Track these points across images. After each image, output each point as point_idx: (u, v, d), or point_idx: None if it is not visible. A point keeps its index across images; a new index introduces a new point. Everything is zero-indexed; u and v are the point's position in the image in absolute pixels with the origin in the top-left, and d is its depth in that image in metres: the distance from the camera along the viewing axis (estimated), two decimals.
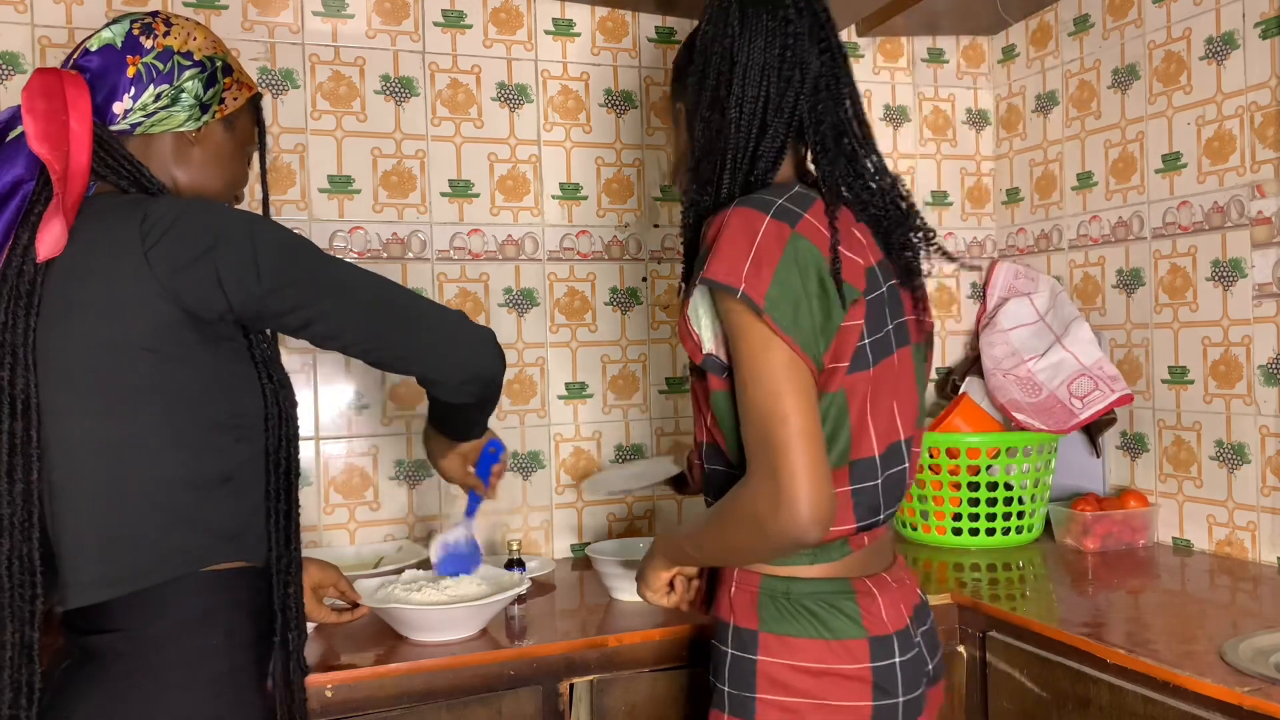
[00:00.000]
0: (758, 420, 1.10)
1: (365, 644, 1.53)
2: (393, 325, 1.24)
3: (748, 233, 1.12)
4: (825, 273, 1.12)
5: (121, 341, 1.11)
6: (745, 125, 1.19)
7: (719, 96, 1.21)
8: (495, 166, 2.12)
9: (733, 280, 1.10)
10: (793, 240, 1.11)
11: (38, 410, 1.11)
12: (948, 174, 2.51)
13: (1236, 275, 1.91)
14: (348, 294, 1.22)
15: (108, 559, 1.12)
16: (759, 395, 1.10)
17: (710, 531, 1.19)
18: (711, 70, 1.22)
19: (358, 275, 1.24)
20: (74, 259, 1.13)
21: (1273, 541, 1.85)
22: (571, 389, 2.17)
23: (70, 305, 1.12)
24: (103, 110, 1.20)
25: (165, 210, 1.14)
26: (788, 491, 1.06)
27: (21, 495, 1.10)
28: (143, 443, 1.12)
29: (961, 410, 2.14)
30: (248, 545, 1.18)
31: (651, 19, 2.24)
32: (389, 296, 1.26)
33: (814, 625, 1.18)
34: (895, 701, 1.18)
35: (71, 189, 1.13)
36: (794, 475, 1.06)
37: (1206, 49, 1.95)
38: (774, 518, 1.07)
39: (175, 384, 1.13)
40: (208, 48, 1.27)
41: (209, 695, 1.12)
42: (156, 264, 1.10)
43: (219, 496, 1.16)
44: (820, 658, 1.17)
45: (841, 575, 1.21)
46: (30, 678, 1.10)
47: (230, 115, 1.30)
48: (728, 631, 1.23)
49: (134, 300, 1.11)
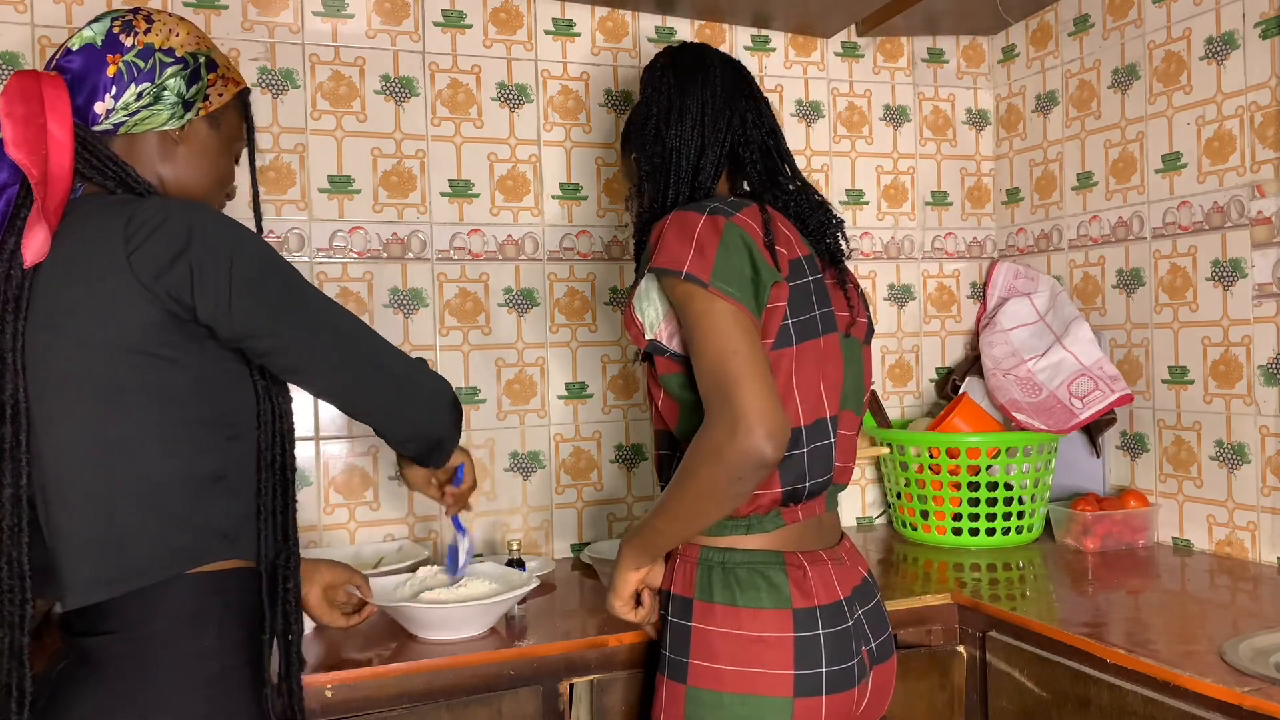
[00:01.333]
0: (710, 364, 1.21)
1: (365, 644, 1.53)
2: (351, 373, 1.24)
3: (687, 227, 1.27)
4: (757, 257, 1.26)
5: (109, 344, 1.10)
6: (685, 148, 1.39)
7: (661, 132, 1.41)
8: (495, 166, 2.12)
9: (677, 265, 1.24)
10: (728, 228, 1.26)
11: (27, 415, 1.11)
12: (948, 174, 2.51)
13: (1236, 275, 1.91)
14: (315, 332, 1.20)
15: (102, 560, 1.11)
16: (710, 344, 1.21)
17: (672, 493, 1.25)
18: (654, 116, 1.43)
19: (329, 314, 1.22)
20: (61, 262, 1.12)
21: (1273, 541, 1.85)
22: (571, 389, 2.17)
23: (58, 308, 1.11)
24: (84, 111, 1.19)
25: (150, 213, 1.12)
26: (743, 412, 1.16)
27: (11, 500, 1.10)
28: (134, 443, 1.12)
29: (961, 410, 2.14)
30: (243, 544, 1.18)
31: (651, 19, 2.24)
32: (355, 341, 1.24)
33: (743, 594, 1.28)
34: (819, 671, 1.27)
35: (52, 194, 1.12)
36: (747, 397, 1.17)
37: (1206, 49, 1.95)
38: (732, 441, 1.16)
39: (164, 384, 1.12)
40: (190, 44, 1.25)
41: (201, 697, 1.11)
42: (138, 266, 1.09)
43: (213, 495, 1.15)
44: (746, 625, 1.27)
45: (775, 548, 1.32)
46: (21, 681, 1.10)
47: (215, 112, 1.27)
48: (669, 600, 1.34)
49: (119, 302, 1.10)
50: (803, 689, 1.26)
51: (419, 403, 1.33)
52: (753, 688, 1.25)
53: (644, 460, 2.20)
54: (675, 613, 1.32)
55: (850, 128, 2.41)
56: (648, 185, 1.43)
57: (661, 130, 1.41)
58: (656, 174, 1.42)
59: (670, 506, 1.26)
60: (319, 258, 2.00)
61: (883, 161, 2.45)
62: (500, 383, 2.12)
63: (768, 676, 1.25)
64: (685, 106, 1.41)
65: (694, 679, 1.28)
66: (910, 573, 1.93)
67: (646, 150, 1.43)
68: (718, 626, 1.28)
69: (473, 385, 2.10)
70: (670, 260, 1.25)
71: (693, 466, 1.21)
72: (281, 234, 1.97)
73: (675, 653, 1.31)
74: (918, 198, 2.47)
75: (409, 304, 2.05)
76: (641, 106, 1.47)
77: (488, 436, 2.10)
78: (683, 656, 1.29)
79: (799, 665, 1.26)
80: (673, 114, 1.41)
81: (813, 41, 2.35)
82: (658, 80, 1.45)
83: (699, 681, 1.27)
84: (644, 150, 1.44)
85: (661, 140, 1.41)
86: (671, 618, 1.32)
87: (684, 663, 1.29)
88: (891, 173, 2.45)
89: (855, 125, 2.42)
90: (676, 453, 1.36)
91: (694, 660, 1.28)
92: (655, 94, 1.44)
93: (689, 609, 1.30)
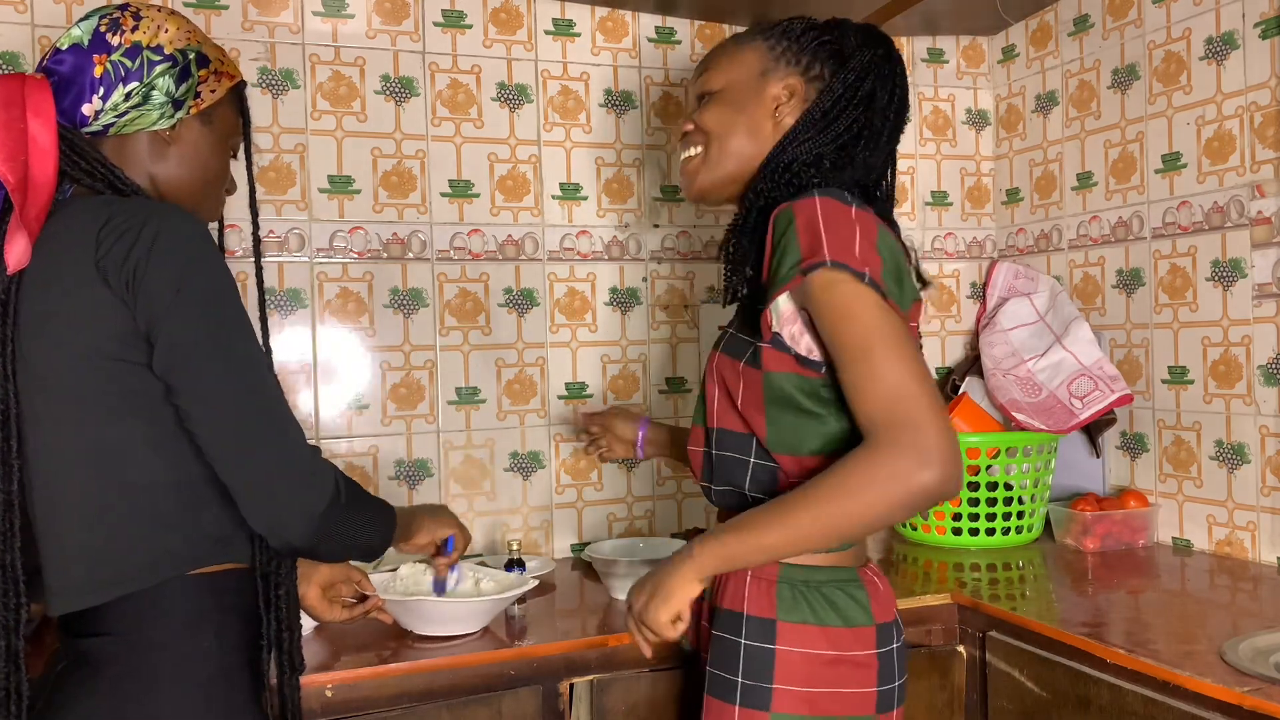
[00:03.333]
0: (888, 382, 1.10)
1: (365, 644, 1.53)
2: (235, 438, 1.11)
3: (845, 217, 1.17)
4: (902, 267, 1.20)
5: (89, 351, 1.08)
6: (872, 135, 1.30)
7: (873, 101, 1.31)
8: (495, 166, 2.12)
9: (851, 260, 1.13)
10: (881, 230, 1.19)
11: (17, 420, 1.10)
12: (948, 174, 2.51)
13: (1236, 275, 1.91)
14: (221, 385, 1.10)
15: (93, 564, 1.10)
16: (888, 359, 1.11)
17: (806, 508, 1.13)
18: (867, 84, 1.31)
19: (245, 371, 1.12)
20: (43, 267, 1.10)
21: (1273, 541, 1.85)
22: (571, 389, 2.17)
23: (41, 315, 1.10)
24: (73, 113, 1.16)
25: (123, 217, 1.08)
26: (938, 447, 1.07)
27: (2, 505, 1.09)
28: (123, 449, 1.10)
29: (961, 410, 2.14)
30: (236, 547, 1.16)
31: (651, 19, 2.24)
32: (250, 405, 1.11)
33: (831, 613, 1.21)
34: (893, 686, 1.24)
35: (33, 200, 1.09)
36: (941, 429, 1.08)
37: (1206, 49, 1.95)
38: (919, 474, 1.07)
39: (149, 389, 1.09)
40: (180, 39, 1.20)
41: (199, 699, 1.11)
42: (107, 272, 1.06)
43: (204, 499, 1.13)
44: (835, 645, 1.20)
45: (850, 564, 1.26)
46: (18, 685, 1.09)
47: (208, 109, 1.23)
48: (740, 622, 1.23)
49: (93, 309, 1.07)
50: (883, 705, 1.22)
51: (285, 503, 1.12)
52: (843, 709, 1.20)
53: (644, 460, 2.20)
54: (752, 635, 1.22)
55: None
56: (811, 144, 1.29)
57: (877, 101, 1.31)
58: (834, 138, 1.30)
59: (798, 522, 1.13)
60: (319, 258, 2.00)
61: None
62: (500, 383, 2.12)
63: (856, 696, 1.21)
64: (893, 98, 1.33)
65: (779, 705, 1.19)
66: (910, 572, 1.93)
67: (843, 110, 1.31)
68: (805, 648, 1.20)
69: (473, 385, 2.10)
70: (842, 252, 1.14)
71: (856, 488, 1.10)
72: (281, 234, 1.97)
73: (753, 678, 1.21)
74: (917, 198, 2.47)
75: (409, 304, 2.05)
76: (854, 70, 1.32)
77: (488, 436, 2.10)
78: (764, 682, 1.20)
79: (881, 681, 1.22)
80: (879, 96, 1.31)
81: None
82: (880, 65, 1.33)
83: (785, 707, 1.19)
84: (832, 101, 1.31)
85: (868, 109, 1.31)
86: (746, 641, 1.22)
87: (766, 689, 1.20)
88: None
89: None
90: (750, 457, 1.26)
91: (779, 685, 1.19)
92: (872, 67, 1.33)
93: (771, 631, 1.21)
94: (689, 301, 2.27)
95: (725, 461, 1.30)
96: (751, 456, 1.26)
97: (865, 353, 1.12)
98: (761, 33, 1.37)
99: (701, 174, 1.37)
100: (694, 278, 2.27)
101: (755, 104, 1.33)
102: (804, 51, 1.34)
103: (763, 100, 1.33)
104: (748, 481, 1.27)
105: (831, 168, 1.28)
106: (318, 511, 1.13)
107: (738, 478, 1.28)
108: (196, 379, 1.09)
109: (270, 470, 1.11)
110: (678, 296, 2.26)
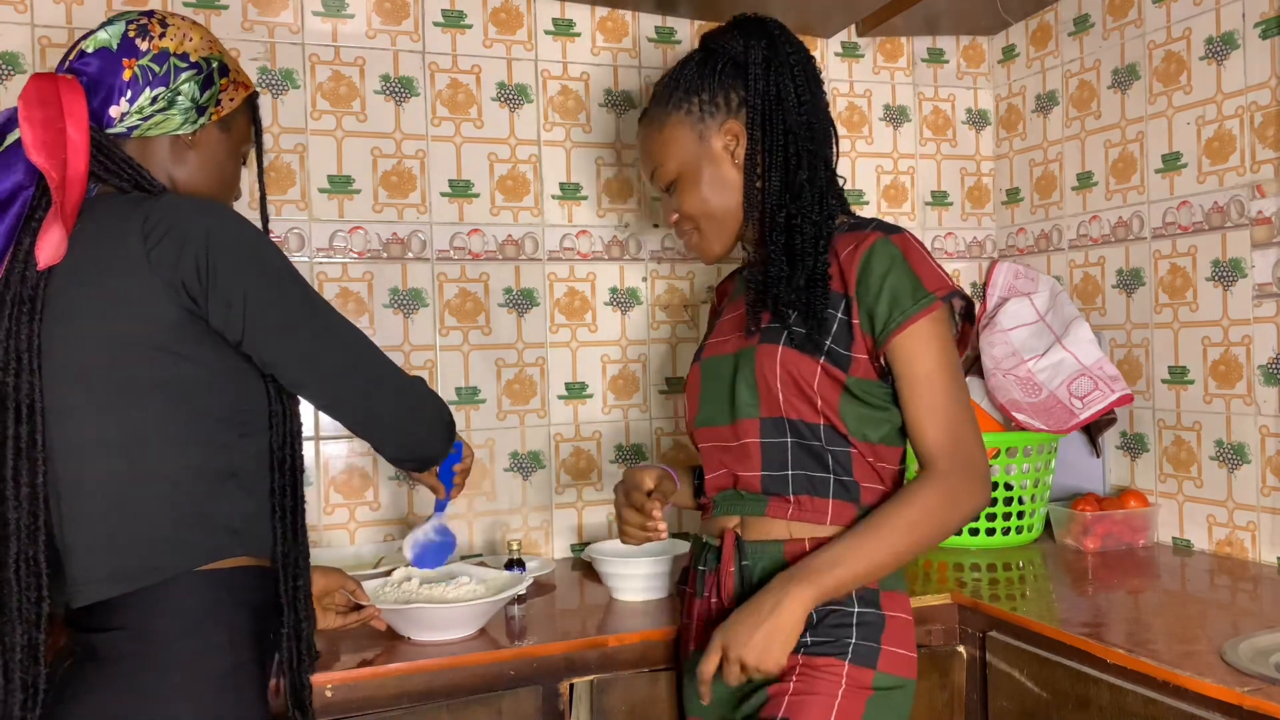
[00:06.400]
0: (953, 415, 1.28)
1: (365, 644, 1.53)
2: (354, 389, 1.25)
3: (921, 248, 1.31)
4: None
5: (130, 340, 1.12)
6: (823, 158, 1.39)
7: (814, 130, 1.38)
8: (495, 166, 2.12)
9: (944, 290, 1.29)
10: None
11: (42, 414, 1.12)
12: (948, 174, 2.51)
13: (1236, 275, 1.91)
14: (325, 349, 1.22)
15: (117, 555, 1.12)
16: (955, 392, 1.28)
17: (900, 533, 1.26)
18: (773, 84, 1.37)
19: (340, 331, 1.24)
20: (78, 261, 1.13)
21: (1273, 541, 1.85)
22: (571, 389, 2.17)
23: (76, 306, 1.13)
24: (99, 114, 1.20)
25: (166, 210, 1.14)
26: (984, 474, 1.27)
27: (28, 499, 1.11)
28: (150, 438, 1.13)
29: None
30: (254, 541, 1.19)
31: (651, 19, 2.24)
32: (363, 360, 1.25)
33: (904, 582, 1.38)
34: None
35: (70, 196, 1.13)
36: (985, 460, 1.28)
37: (1206, 49, 1.95)
38: (971, 500, 1.27)
39: (181, 380, 1.14)
40: (204, 48, 1.27)
41: (210, 693, 1.12)
42: (157, 264, 1.11)
43: (225, 492, 1.17)
44: (909, 609, 1.36)
45: None
46: (36, 679, 1.11)
47: (227, 117, 1.29)
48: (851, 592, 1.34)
49: (139, 299, 1.12)
50: (919, 670, 1.36)
51: (417, 426, 1.33)
52: (908, 671, 1.33)
53: (644, 460, 2.20)
54: (863, 602, 1.32)
55: (850, 128, 2.41)
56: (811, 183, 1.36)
57: (817, 129, 1.40)
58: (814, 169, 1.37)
59: (894, 546, 1.27)
60: (319, 258, 2.00)
61: (882, 161, 2.45)
62: (500, 383, 2.12)
63: (913, 657, 1.34)
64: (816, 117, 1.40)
65: (884, 663, 1.30)
66: (910, 572, 1.93)
67: (803, 147, 1.37)
68: (899, 613, 1.34)
69: (473, 385, 2.10)
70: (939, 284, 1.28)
71: (930, 511, 1.26)
72: (281, 234, 1.97)
73: (866, 639, 1.30)
74: (917, 198, 2.47)
75: (409, 304, 2.05)
76: (792, 106, 1.37)
77: (488, 436, 2.10)
78: (873, 643, 1.30)
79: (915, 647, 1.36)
80: (815, 122, 1.40)
81: (812, 42, 2.35)
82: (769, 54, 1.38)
83: (889, 666, 1.30)
84: (795, 138, 1.36)
85: (818, 140, 1.40)
86: (859, 608, 1.31)
87: (874, 649, 1.30)
88: (891, 173, 2.45)
89: (855, 125, 2.42)
90: (824, 444, 1.33)
91: (886, 646, 1.31)
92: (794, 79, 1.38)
93: (875, 598, 1.33)
94: (689, 301, 2.27)
95: (796, 448, 1.35)
96: (824, 443, 1.34)
97: (934, 381, 1.28)
98: (670, 102, 1.43)
99: (711, 246, 1.46)
100: (694, 278, 2.27)
101: (713, 166, 1.41)
102: (714, 92, 1.40)
103: (716, 158, 1.41)
104: (830, 463, 1.34)
105: (810, 168, 1.36)
106: (449, 415, 1.37)
107: (810, 463, 1.35)
108: (302, 347, 1.19)
109: (404, 400, 1.29)
110: (678, 296, 2.26)
